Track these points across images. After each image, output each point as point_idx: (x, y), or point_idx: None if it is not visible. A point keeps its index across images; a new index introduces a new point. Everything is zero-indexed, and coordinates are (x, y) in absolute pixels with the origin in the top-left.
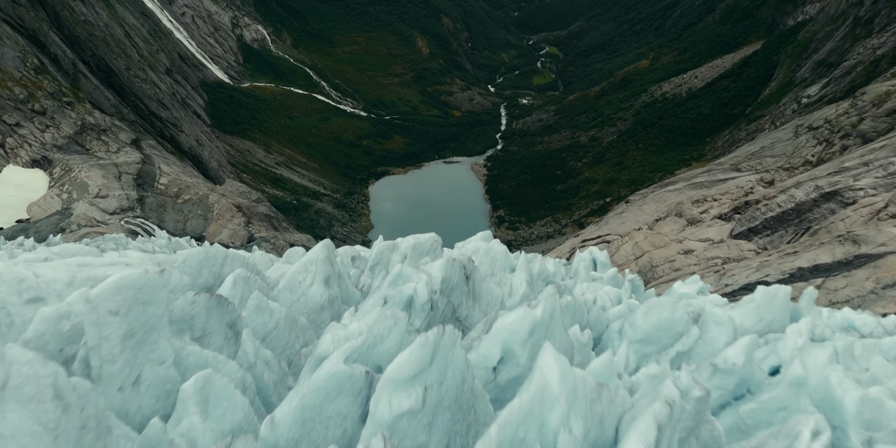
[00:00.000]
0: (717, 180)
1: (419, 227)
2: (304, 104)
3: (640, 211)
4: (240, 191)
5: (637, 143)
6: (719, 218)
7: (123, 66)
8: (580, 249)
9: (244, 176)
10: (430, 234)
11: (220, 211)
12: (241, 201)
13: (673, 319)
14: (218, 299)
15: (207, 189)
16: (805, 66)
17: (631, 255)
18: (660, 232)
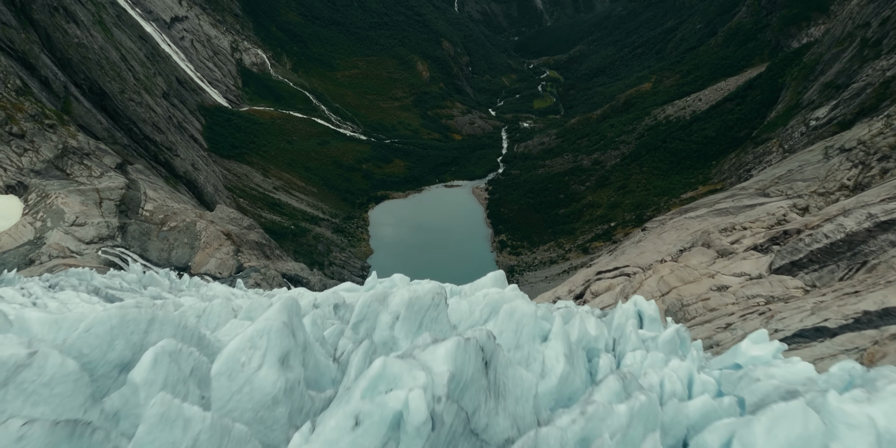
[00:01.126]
0: (743, 206)
1: (419, 253)
2: (303, 128)
3: (659, 240)
4: (231, 217)
5: (641, 166)
6: (754, 249)
7: (118, 90)
8: (595, 282)
9: (241, 200)
10: (430, 286)
11: (208, 239)
12: (230, 228)
13: (807, 435)
14: (71, 428)
15: (195, 215)
16: (812, 89)
17: (656, 290)
18: (687, 265)
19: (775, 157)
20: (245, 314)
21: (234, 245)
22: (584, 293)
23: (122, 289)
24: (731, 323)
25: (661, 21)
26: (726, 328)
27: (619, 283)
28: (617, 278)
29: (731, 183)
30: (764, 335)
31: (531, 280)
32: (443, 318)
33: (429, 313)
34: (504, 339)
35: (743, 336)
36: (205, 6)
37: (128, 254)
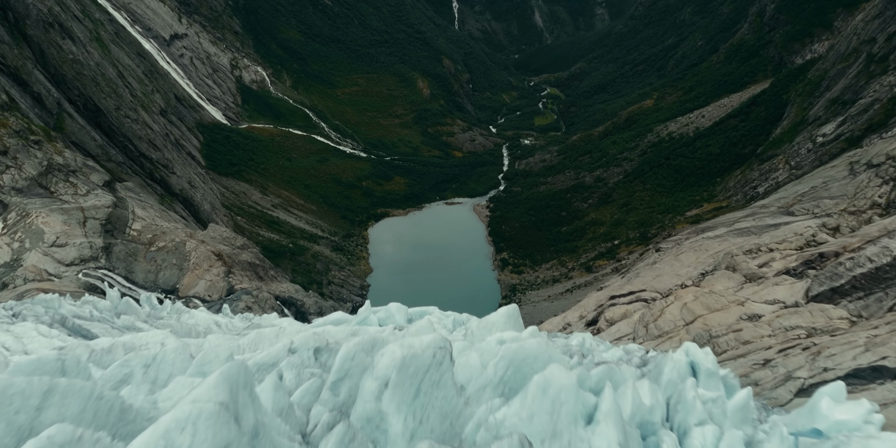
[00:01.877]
0: (766, 226)
1: (420, 272)
2: (302, 145)
3: (677, 261)
4: (223, 236)
5: (644, 183)
6: (787, 274)
7: (113, 106)
8: (609, 308)
9: (238, 218)
10: (430, 340)
11: (198, 259)
12: (222, 248)
13: None
14: None
15: (185, 235)
16: (818, 105)
17: (679, 319)
18: (712, 290)
19: (782, 173)
20: (197, 368)
21: (226, 266)
22: (597, 320)
23: (91, 318)
24: (771, 359)
25: (662, 38)
26: (765, 365)
27: (637, 309)
28: (633, 304)
29: (736, 200)
30: (841, 389)
31: (533, 299)
32: (447, 381)
33: (429, 375)
34: (536, 426)
35: (786, 375)
36: (205, 24)
37: (111, 276)
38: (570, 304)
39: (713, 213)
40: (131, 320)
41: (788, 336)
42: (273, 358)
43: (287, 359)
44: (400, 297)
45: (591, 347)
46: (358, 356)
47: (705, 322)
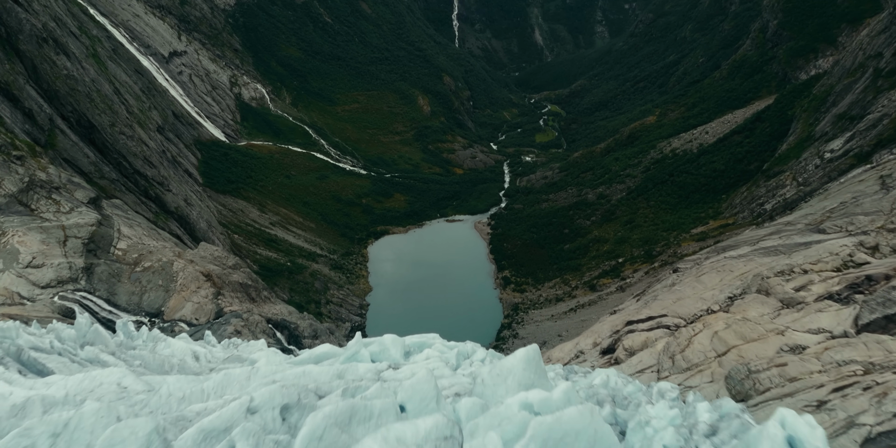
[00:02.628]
0: (795, 244)
1: (420, 290)
2: (302, 162)
3: (698, 283)
4: (214, 256)
5: (648, 200)
6: (830, 299)
7: (108, 123)
8: (626, 335)
9: (236, 237)
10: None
11: (185, 280)
12: (212, 268)
13: None
14: None
15: (173, 254)
16: (824, 120)
17: (710, 350)
18: (745, 317)
19: (789, 190)
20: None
21: (215, 287)
22: (613, 348)
23: (51, 350)
24: (825, 400)
25: (663, 55)
26: (819, 407)
27: (659, 337)
28: (654, 331)
29: (743, 217)
30: None
31: (536, 319)
32: None
33: None
34: None
35: (847, 420)
36: (204, 41)
37: (90, 299)
38: (574, 323)
39: (719, 231)
40: (96, 352)
41: (842, 372)
42: (226, 422)
43: (243, 424)
44: (400, 316)
45: (618, 387)
46: (329, 434)
47: (740, 353)
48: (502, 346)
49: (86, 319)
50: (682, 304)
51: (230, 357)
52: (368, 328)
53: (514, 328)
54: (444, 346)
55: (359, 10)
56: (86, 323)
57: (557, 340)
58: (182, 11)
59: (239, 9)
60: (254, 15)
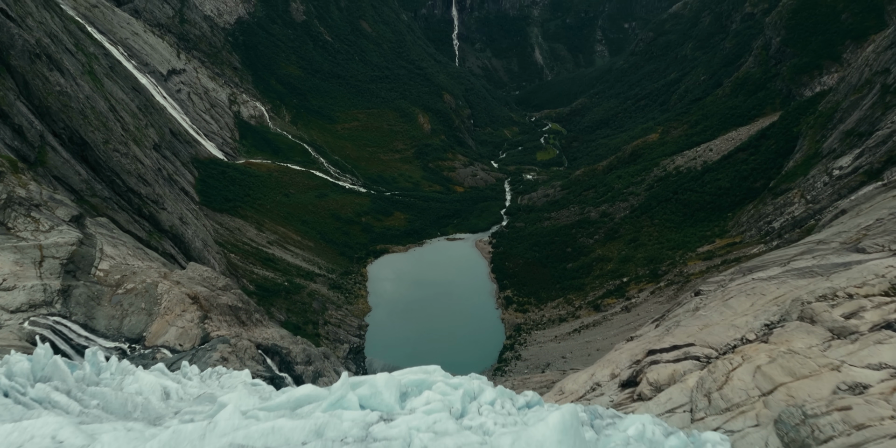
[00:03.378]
0: (833, 265)
1: (420, 310)
2: (301, 180)
3: (726, 308)
4: (203, 276)
5: (652, 218)
6: (888, 328)
7: (101, 140)
8: (650, 366)
9: (232, 256)
10: None
11: (170, 303)
12: (199, 290)
13: None
14: None
15: (158, 275)
16: (831, 137)
17: (753, 387)
18: (791, 348)
19: (797, 208)
20: None
21: (202, 310)
22: (635, 380)
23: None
24: None
25: (664, 74)
26: None
27: (688, 370)
28: (682, 362)
29: (750, 236)
30: None
31: (540, 340)
32: None
33: None
34: None
35: None
36: (203, 59)
37: (64, 324)
38: (579, 344)
39: (726, 249)
40: (48, 391)
41: None
42: None
43: None
44: (399, 337)
45: (658, 440)
46: None
47: (790, 393)
48: (504, 368)
49: (45, 350)
50: (711, 332)
51: (202, 395)
52: (367, 350)
53: (516, 350)
54: (447, 386)
55: (359, 28)
56: (44, 354)
57: (561, 362)
58: (182, 30)
59: (239, 27)
60: (253, 33)
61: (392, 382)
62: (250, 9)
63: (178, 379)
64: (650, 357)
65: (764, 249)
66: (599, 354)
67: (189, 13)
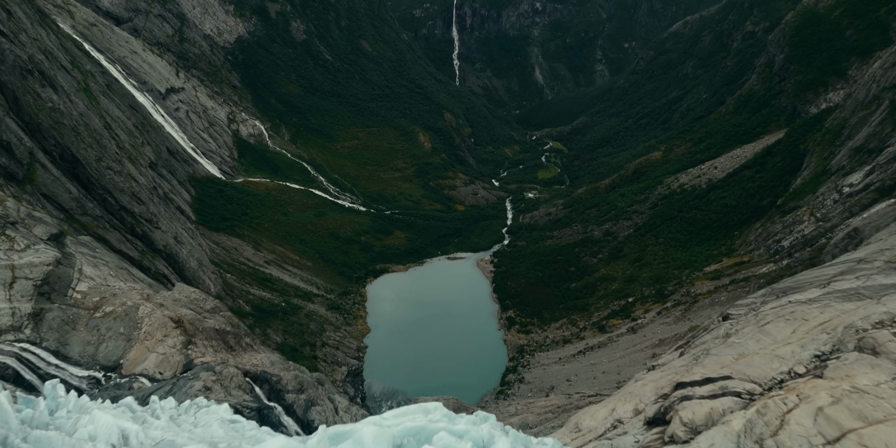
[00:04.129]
0: (881, 286)
1: (420, 331)
2: (299, 199)
3: (764, 336)
4: (190, 298)
5: (657, 237)
6: None
7: (94, 157)
8: (681, 402)
9: (228, 276)
10: None
11: (151, 327)
12: (184, 313)
13: None
14: None
15: (141, 297)
16: (840, 154)
17: (815, 434)
18: (854, 386)
19: (807, 226)
20: None
21: (186, 334)
22: (664, 418)
23: None
24: None
25: (665, 92)
26: None
27: (728, 407)
28: (719, 399)
29: (759, 254)
30: None
31: (543, 362)
32: None
33: None
34: None
35: None
36: (202, 78)
37: (33, 351)
38: (584, 367)
39: (734, 269)
40: None
41: None
42: None
43: None
44: (399, 359)
45: None
46: None
47: (863, 441)
48: (507, 392)
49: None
50: (750, 363)
51: (162, 443)
52: (366, 372)
53: (519, 372)
54: (451, 436)
55: (359, 48)
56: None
57: (566, 385)
58: (181, 48)
59: (239, 46)
60: (253, 52)
61: (383, 437)
62: (250, 28)
63: (143, 418)
64: (680, 391)
65: (773, 269)
66: (605, 377)
67: (189, 32)
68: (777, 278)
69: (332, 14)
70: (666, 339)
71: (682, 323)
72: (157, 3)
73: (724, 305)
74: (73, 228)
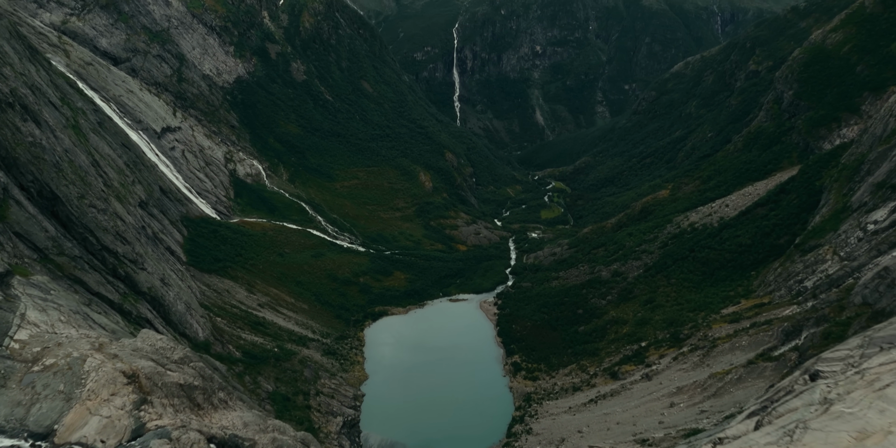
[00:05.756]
0: None
1: (421, 378)
2: (296, 240)
3: (888, 404)
4: (156, 346)
5: (668, 277)
6: None
7: (76, 195)
8: None
9: (218, 320)
10: None
11: (96, 384)
12: (142, 365)
13: None
14: None
15: (91, 347)
16: (860, 190)
17: None
18: None
19: (831, 265)
20: None
21: (140, 392)
22: None
23: None
24: None
25: (668, 131)
26: None
27: None
28: None
29: (780, 296)
30: None
31: (552, 411)
32: None
33: None
34: None
35: None
36: (200, 118)
37: None
38: (596, 417)
39: (755, 311)
40: None
41: None
42: None
43: None
44: (398, 409)
45: None
46: None
47: None
48: (514, 444)
49: None
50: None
51: None
52: (363, 422)
53: (527, 422)
54: None
55: (360, 88)
56: None
57: (577, 438)
58: (179, 88)
59: (238, 86)
60: (253, 92)
61: None
62: (250, 68)
63: None
64: None
65: (798, 311)
66: (620, 429)
67: (187, 72)
68: (804, 321)
69: (333, 55)
70: (684, 387)
71: (701, 369)
72: (156, 43)
73: (746, 351)
74: (46, 269)
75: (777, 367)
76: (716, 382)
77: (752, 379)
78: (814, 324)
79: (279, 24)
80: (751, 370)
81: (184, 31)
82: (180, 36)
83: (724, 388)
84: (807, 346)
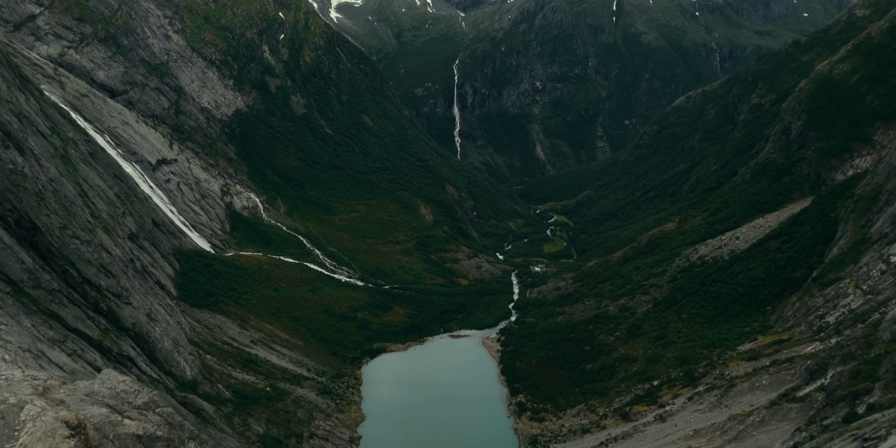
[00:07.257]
0: None
1: (421, 419)
2: (293, 274)
3: None
4: (117, 390)
5: (679, 313)
6: None
7: (57, 225)
8: None
9: (208, 357)
10: None
11: (31, 437)
12: (93, 412)
13: None
14: None
15: (33, 391)
16: (879, 221)
17: None
18: None
19: (854, 299)
20: None
21: (86, 446)
22: None
23: None
24: None
25: (672, 165)
26: None
27: None
28: None
29: (800, 332)
30: None
31: None
32: None
33: None
34: None
35: None
36: (197, 150)
37: None
38: None
39: (773, 348)
40: None
41: None
42: None
43: None
44: None
45: None
46: None
47: None
48: None
49: None
50: None
51: None
52: None
53: None
54: None
55: (360, 122)
56: None
57: None
58: (176, 121)
59: (236, 119)
60: (251, 125)
61: None
62: (249, 102)
63: None
64: None
65: (821, 348)
66: None
67: (185, 105)
68: (829, 359)
69: (334, 89)
70: (702, 430)
71: (720, 410)
72: (154, 76)
73: (768, 391)
74: (19, 303)
75: (803, 408)
76: (736, 425)
77: (776, 421)
78: (840, 362)
79: (279, 58)
80: (774, 412)
81: (183, 65)
82: (179, 69)
83: (745, 431)
84: (834, 386)
